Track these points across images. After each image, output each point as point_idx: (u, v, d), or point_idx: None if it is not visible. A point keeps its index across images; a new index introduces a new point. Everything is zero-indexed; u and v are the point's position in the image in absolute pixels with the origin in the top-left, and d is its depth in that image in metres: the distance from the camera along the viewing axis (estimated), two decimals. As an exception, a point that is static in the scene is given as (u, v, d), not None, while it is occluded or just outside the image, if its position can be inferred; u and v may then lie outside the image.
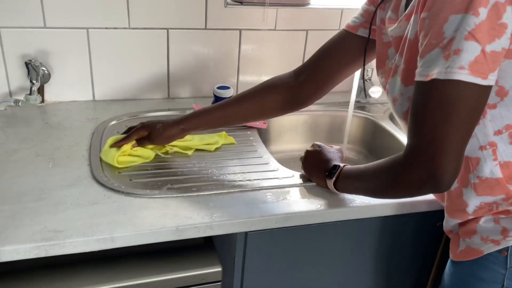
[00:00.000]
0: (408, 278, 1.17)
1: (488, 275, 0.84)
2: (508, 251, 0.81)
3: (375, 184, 0.87)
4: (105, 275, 0.89)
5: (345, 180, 0.95)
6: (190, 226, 0.88)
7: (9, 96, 1.30)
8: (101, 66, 1.33)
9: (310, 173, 1.04)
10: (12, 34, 1.23)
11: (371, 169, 0.87)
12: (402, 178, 0.78)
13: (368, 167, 0.88)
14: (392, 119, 1.44)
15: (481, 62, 0.68)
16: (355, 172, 0.93)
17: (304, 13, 1.43)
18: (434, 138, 0.71)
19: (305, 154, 1.06)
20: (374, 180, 0.86)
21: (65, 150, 1.10)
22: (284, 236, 0.99)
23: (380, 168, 0.84)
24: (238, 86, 1.48)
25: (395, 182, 0.80)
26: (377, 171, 0.85)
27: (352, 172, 0.94)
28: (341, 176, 0.95)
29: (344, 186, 0.95)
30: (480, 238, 0.84)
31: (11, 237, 0.81)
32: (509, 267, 0.82)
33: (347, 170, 0.95)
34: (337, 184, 0.96)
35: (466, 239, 0.86)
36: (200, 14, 1.34)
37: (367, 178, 0.89)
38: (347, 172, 0.95)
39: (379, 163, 0.85)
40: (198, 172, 1.05)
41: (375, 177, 0.86)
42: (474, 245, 0.85)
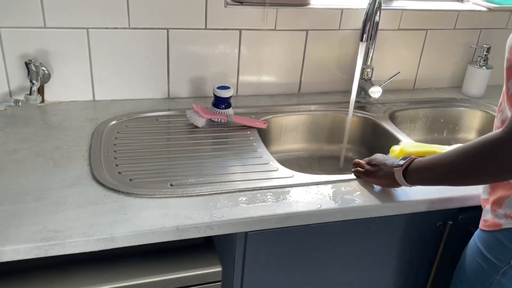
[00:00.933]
0: (408, 278, 1.17)
1: (500, 249, 0.89)
2: None
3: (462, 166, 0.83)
4: (105, 275, 0.89)
5: (420, 166, 0.92)
6: (190, 226, 0.88)
7: (9, 96, 1.30)
8: (101, 66, 1.33)
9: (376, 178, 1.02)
10: (12, 34, 1.23)
11: (455, 150, 0.85)
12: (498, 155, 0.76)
13: (451, 150, 0.86)
14: (392, 119, 1.44)
15: None
16: (430, 158, 0.91)
17: (304, 13, 1.43)
18: None
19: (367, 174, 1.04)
20: (460, 163, 0.83)
21: (65, 150, 1.10)
22: (284, 236, 0.99)
23: (467, 147, 0.82)
24: (238, 86, 1.48)
25: (490, 159, 0.78)
26: (465, 152, 0.82)
27: (427, 159, 0.92)
28: (414, 164, 0.93)
29: (417, 174, 0.93)
30: (504, 214, 0.88)
31: (11, 237, 0.81)
32: None
33: (419, 160, 0.93)
34: (409, 174, 0.93)
35: (493, 211, 0.91)
36: (200, 14, 1.34)
37: (452, 159, 0.85)
38: (419, 161, 0.93)
39: (464, 145, 0.82)
40: (198, 172, 1.05)
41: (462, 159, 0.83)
42: (497, 218, 0.89)
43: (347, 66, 1.56)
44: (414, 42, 1.59)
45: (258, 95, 1.51)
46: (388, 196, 1.03)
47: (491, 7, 1.60)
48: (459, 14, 1.59)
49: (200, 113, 1.26)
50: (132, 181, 1.00)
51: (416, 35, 1.58)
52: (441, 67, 1.67)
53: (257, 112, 1.38)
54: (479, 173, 0.82)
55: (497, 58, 0.92)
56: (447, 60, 1.67)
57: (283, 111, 1.42)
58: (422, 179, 0.94)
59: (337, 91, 1.59)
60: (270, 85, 1.51)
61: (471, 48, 1.66)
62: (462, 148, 0.84)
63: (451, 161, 0.86)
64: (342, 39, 1.51)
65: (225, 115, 1.29)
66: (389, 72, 1.57)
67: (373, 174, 1.03)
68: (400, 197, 1.03)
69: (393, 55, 1.59)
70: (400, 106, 1.52)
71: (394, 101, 1.54)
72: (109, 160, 1.07)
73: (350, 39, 1.51)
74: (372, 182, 1.05)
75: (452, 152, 0.86)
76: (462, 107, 1.59)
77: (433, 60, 1.64)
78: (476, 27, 1.63)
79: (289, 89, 1.54)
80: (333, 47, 1.51)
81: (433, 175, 0.91)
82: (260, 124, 1.30)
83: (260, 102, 1.46)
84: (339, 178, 1.08)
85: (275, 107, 1.43)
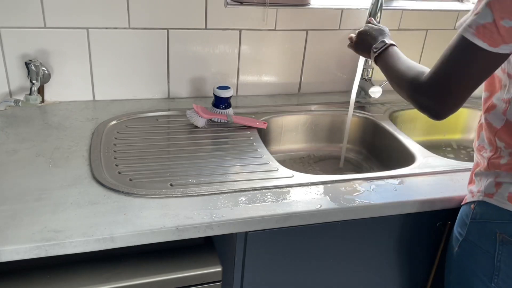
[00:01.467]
0: (408, 278, 1.17)
1: (460, 223, 0.98)
2: (475, 205, 0.94)
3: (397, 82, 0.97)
4: (105, 275, 0.89)
5: (383, 61, 1.06)
6: (190, 226, 0.88)
7: (9, 96, 1.30)
8: (101, 66, 1.33)
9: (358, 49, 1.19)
10: (12, 34, 1.23)
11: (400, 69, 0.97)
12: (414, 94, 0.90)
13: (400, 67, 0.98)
14: (392, 119, 1.44)
15: (491, 30, 0.77)
16: (396, 58, 1.03)
17: (304, 13, 1.43)
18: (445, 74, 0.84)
19: (357, 33, 1.19)
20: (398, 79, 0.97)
21: (65, 150, 1.10)
22: (284, 236, 0.99)
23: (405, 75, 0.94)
24: (238, 86, 1.48)
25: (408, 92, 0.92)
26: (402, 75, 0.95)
27: (395, 56, 1.04)
28: (385, 52, 1.06)
29: (382, 63, 1.06)
30: (470, 190, 0.97)
31: (11, 237, 0.81)
32: (471, 219, 0.94)
33: (392, 52, 1.05)
34: (378, 58, 1.07)
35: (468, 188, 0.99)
36: (200, 14, 1.34)
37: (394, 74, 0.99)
38: (391, 53, 1.05)
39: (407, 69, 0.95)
40: (198, 172, 1.05)
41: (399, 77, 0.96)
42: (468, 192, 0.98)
43: (347, 66, 1.56)
44: (414, 42, 1.59)
45: (258, 95, 1.51)
46: (388, 196, 1.03)
47: (491, 7, 1.60)
48: (459, 14, 1.59)
49: (200, 113, 1.26)
50: (132, 181, 1.00)
51: (416, 35, 1.58)
52: (441, 67, 1.67)
53: (257, 112, 1.38)
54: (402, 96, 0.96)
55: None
56: (447, 60, 1.67)
57: (283, 111, 1.42)
58: (383, 69, 1.06)
59: (337, 91, 1.59)
60: (270, 85, 1.51)
61: (471, 48, 1.66)
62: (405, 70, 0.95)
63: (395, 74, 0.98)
64: (342, 39, 1.51)
65: (225, 115, 1.29)
66: (389, 72, 1.57)
67: (357, 47, 1.19)
68: (400, 197, 1.03)
69: (393, 55, 1.59)
70: (400, 106, 1.52)
71: (394, 101, 1.54)
72: (109, 160, 1.07)
73: (350, 39, 1.51)
74: (356, 52, 1.21)
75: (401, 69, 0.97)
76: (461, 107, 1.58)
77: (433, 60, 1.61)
78: (476, 27, 1.63)
79: (289, 89, 1.54)
80: (333, 47, 1.51)
81: (385, 72, 1.04)
82: (260, 124, 1.30)
83: (260, 102, 1.46)
84: (339, 178, 1.08)
85: (275, 107, 1.43)
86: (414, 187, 1.06)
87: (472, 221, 0.93)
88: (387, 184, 1.07)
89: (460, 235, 0.97)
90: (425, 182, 1.08)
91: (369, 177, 1.09)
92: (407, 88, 0.93)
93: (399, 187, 1.06)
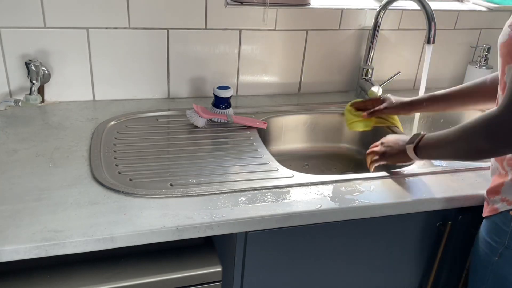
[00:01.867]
0: (408, 278, 1.17)
1: (497, 232, 0.95)
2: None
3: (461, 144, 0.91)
4: (105, 275, 0.89)
5: (428, 144, 0.99)
6: (190, 226, 0.88)
7: (9, 96, 1.30)
8: (101, 66, 1.33)
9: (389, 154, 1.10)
10: (12, 34, 1.23)
11: (454, 131, 0.92)
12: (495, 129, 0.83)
13: (455, 128, 0.92)
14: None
15: None
16: (437, 136, 0.98)
17: (304, 13, 1.43)
18: None
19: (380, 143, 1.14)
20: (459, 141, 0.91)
21: (65, 150, 1.10)
22: (284, 236, 0.99)
23: (467, 127, 0.89)
24: (238, 86, 1.48)
25: (487, 135, 0.84)
26: (463, 132, 0.90)
27: (435, 136, 0.98)
28: (423, 141, 1.00)
29: (428, 152, 1.00)
30: (500, 199, 0.95)
31: (11, 237, 0.81)
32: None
33: (429, 136, 1.00)
34: (419, 150, 1.01)
35: (491, 198, 0.98)
36: (200, 14, 1.34)
37: (455, 137, 0.92)
38: (429, 137, 1.00)
39: (464, 125, 0.90)
40: (198, 172, 1.05)
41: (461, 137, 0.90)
42: (495, 203, 0.96)
43: (347, 66, 1.56)
44: (414, 42, 1.59)
45: (258, 95, 1.51)
46: (388, 196, 1.03)
47: (491, 7, 1.60)
48: (459, 14, 1.59)
49: (200, 113, 1.26)
50: (132, 181, 1.00)
51: (416, 35, 1.58)
52: (441, 67, 1.67)
53: (257, 112, 1.38)
54: (480, 150, 0.88)
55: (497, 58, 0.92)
56: (447, 60, 1.67)
57: (283, 111, 1.42)
58: (431, 155, 1.02)
59: (337, 91, 1.59)
60: (270, 85, 1.51)
61: (471, 48, 1.66)
62: (463, 127, 0.90)
63: (454, 139, 0.92)
64: (342, 39, 1.51)
65: (225, 115, 1.29)
66: (389, 72, 1.57)
67: (389, 153, 1.10)
68: (400, 197, 1.03)
69: (393, 55, 1.59)
70: (400, 106, 1.52)
71: (394, 101, 1.54)
72: (109, 160, 1.07)
73: (350, 39, 1.51)
74: (388, 162, 1.11)
75: (456, 130, 0.92)
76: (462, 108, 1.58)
77: (433, 60, 1.63)
78: (476, 27, 1.63)
79: (289, 89, 1.54)
80: (333, 47, 1.51)
81: (440, 153, 1.00)
82: (260, 124, 1.30)
83: (260, 102, 1.46)
84: (339, 178, 1.08)
85: (275, 107, 1.43)
86: (414, 187, 1.06)
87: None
88: (387, 184, 1.07)
89: (498, 243, 0.95)
90: (425, 182, 1.08)
91: (369, 177, 1.09)
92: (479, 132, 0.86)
93: (399, 187, 1.06)
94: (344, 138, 1.48)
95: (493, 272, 0.96)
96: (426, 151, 1.00)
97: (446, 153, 0.98)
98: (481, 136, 0.86)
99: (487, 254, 0.97)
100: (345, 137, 1.48)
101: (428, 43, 1.27)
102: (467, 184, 1.09)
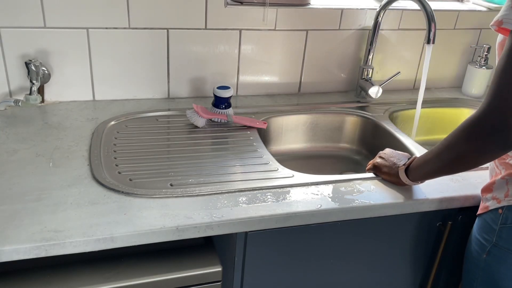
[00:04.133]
0: (408, 278, 1.17)
1: (486, 230, 0.95)
2: (503, 209, 0.92)
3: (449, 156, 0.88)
4: (105, 275, 0.89)
5: (418, 166, 0.98)
6: (190, 226, 0.88)
7: (9, 96, 1.30)
8: (101, 66, 1.33)
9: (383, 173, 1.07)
10: (12, 34, 1.23)
11: (442, 140, 0.89)
12: (477, 130, 0.80)
13: (437, 146, 0.91)
14: (392, 119, 1.44)
15: None
16: (424, 156, 0.96)
17: (304, 13, 1.43)
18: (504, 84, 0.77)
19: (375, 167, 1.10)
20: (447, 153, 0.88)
21: (65, 150, 1.10)
22: (284, 236, 0.99)
23: (451, 138, 0.86)
24: (238, 86, 1.48)
25: (469, 137, 0.82)
26: (448, 143, 0.87)
27: (422, 156, 0.97)
28: (412, 164, 0.99)
29: (418, 172, 0.98)
30: (492, 197, 0.95)
31: (11, 237, 0.81)
32: (500, 224, 0.92)
33: (417, 158, 0.99)
34: (410, 173, 0.99)
35: (484, 196, 0.98)
36: (200, 14, 1.34)
37: (438, 149, 0.91)
38: (417, 159, 0.99)
39: (447, 137, 0.87)
40: (198, 172, 1.05)
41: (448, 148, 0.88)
42: (486, 201, 0.97)
43: (347, 66, 1.56)
44: (414, 42, 1.59)
45: (258, 95, 1.51)
46: (388, 196, 1.03)
47: (491, 7, 1.60)
48: (459, 14, 1.59)
49: (200, 113, 1.26)
50: (132, 181, 1.00)
51: (416, 35, 1.58)
52: (441, 67, 1.67)
53: (257, 112, 1.38)
54: (463, 155, 0.86)
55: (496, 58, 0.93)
56: (447, 60, 1.67)
57: (283, 111, 1.42)
58: (422, 175, 0.99)
59: (337, 91, 1.59)
60: (270, 85, 1.51)
61: (471, 48, 1.66)
62: (446, 139, 0.88)
63: (439, 153, 0.91)
64: (342, 39, 1.51)
65: (225, 115, 1.29)
66: (389, 72, 1.57)
67: (380, 169, 1.08)
68: (400, 197, 1.03)
69: (393, 55, 1.59)
70: (400, 106, 1.52)
71: (394, 101, 1.54)
72: (109, 160, 1.07)
73: (350, 39, 1.52)
74: (380, 176, 1.09)
75: (441, 144, 0.90)
76: (462, 107, 1.59)
77: (433, 60, 1.64)
78: (476, 27, 1.63)
79: (289, 89, 1.54)
80: (333, 47, 1.51)
81: (429, 170, 0.96)
82: (260, 124, 1.30)
83: (260, 102, 1.46)
84: (339, 178, 1.08)
85: (275, 107, 1.43)
86: (414, 187, 1.06)
87: (503, 226, 0.92)
88: (387, 184, 1.07)
89: (487, 241, 0.95)
90: (425, 182, 1.08)
91: (369, 177, 1.09)
92: (464, 137, 0.83)
93: (398, 187, 1.06)
94: (344, 138, 1.48)
95: (483, 270, 0.97)
96: (415, 172, 0.99)
97: (435, 170, 0.94)
98: (462, 139, 0.83)
99: (477, 252, 0.98)
100: (345, 137, 1.48)
101: (428, 43, 1.27)
102: (467, 184, 1.09)
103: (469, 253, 1.01)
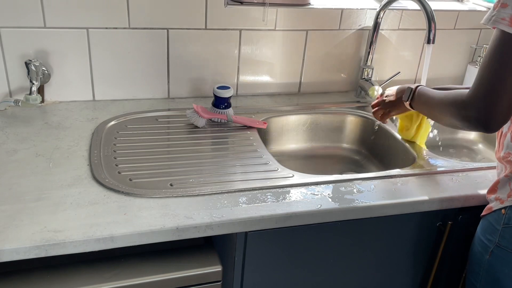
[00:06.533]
0: (408, 278, 1.17)
1: (490, 230, 0.96)
2: (506, 210, 0.92)
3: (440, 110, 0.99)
4: (105, 275, 0.89)
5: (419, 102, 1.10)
6: (190, 226, 0.88)
7: (9, 96, 1.30)
8: (101, 66, 1.33)
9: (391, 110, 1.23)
10: (12, 34, 1.23)
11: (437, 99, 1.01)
12: (464, 113, 0.89)
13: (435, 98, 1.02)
14: (392, 119, 1.44)
15: None
16: (425, 98, 1.07)
17: (304, 13, 1.43)
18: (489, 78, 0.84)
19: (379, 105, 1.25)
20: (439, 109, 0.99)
21: (65, 150, 1.10)
22: (284, 236, 0.99)
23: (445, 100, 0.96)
24: (238, 86, 1.48)
25: (453, 113, 0.92)
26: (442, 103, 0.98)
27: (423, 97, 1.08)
28: (416, 97, 1.10)
29: (418, 106, 1.11)
30: (495, 197, 0.96)
31: (11, 237, 0.81)
32: (503, 224, 0.93)
33: (421, 92, 1.09)
34: (414, 104, 1.12)
35: (489, 197, 0.99)
36: (200, 14, 1.34)
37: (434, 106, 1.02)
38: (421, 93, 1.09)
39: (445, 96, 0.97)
40: (198, 172, 1.05)
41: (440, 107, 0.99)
42: (490, 202, 0.98)
43: (347, 66, 1.56)
44: (414, 42, 1.59)
45: (258, 95, 1.51)
46: (388, 196, 1.03)
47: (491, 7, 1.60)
48: (459, 14, 1.59)
49: (200, 113, 1.26)
50: (132, 181, 1.00)
51: (416, 35, 1.58)
52: (441, 67, 1.67)
53: (257, 112, 1.38)
54: (455, 126, 0.96)
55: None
56: (447, 60, 1.67)
57: (283, 111, 1.42)
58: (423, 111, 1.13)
59: (337, 91, 1.59)
60: (270, 85, 1.51)
61: (471, 48, 1.66)
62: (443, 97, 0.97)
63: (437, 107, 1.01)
64: (342, 39, 1.51)
65: (225, 115, 1.29)
66: (389, 72, 1.57)
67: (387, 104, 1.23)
68: (400, 197, 1.03)
69: (393, 55, 1.59)
70: (400, 106, 1.52)
71: (394, 101, 1.54)
72: (109, 160, 1.07)
73: (350, 39, 1.52)
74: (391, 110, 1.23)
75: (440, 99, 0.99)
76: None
77: (433, 60, 1.64)
78: (476, 27, 1.63)
79: (289, 89, 1.54)
80: (333, 47, 1.51)
81: (428, 112, 1.10)
82: (260, 124, 1.30)
83: (260, 102, 1.46)
84: (339, 178, 1.08)
85: (275, 107, 1.43)
86: (414, 187, 1.06)
87: (505, 226, 0.92)
88: (387, 184, 1.07)
89: (490, 242, 0.96)
90: (425, 182, 1.08)
91: (369, 177, 1.09)
92: (452, 110, 0.92)
93: (399, 187, 1.06)
94: (344, 138, 1.48)
95: (486, 271, 0.97)
96: (418, 104, 1.10)
97: (432, 115, 1.07)
98: (453, 115, 0.92)
99: (480, 252, 0.98)
100: (345, 137, 1.48)
101: (428, 43, 1.27)
102: (467, 184, 1.09)
103: (473, 254, 1.01)
